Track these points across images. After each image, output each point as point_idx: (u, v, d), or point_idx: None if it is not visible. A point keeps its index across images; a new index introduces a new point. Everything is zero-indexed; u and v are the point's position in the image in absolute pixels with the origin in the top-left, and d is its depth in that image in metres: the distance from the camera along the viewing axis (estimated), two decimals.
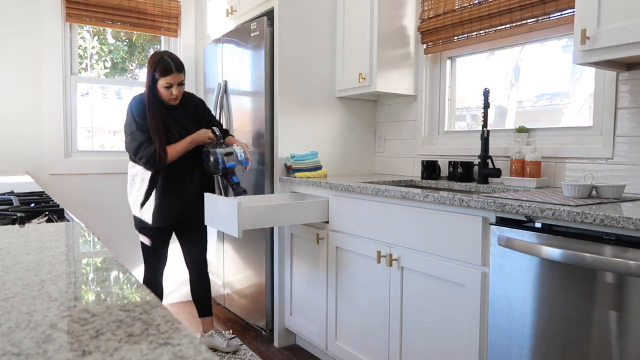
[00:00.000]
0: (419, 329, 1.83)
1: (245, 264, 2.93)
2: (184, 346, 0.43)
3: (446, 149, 2.55)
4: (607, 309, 1.24)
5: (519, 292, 1.46)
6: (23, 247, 0.82)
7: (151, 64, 2.26)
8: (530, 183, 2.01)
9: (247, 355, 2.54)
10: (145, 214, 2.38)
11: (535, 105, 2.30)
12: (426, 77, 2.68)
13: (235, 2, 3.00)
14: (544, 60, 2.24)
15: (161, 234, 2.43)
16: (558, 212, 1.33)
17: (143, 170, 2.34)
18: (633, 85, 1.81)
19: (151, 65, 2.26)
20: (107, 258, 0.76)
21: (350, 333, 2.19)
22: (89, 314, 0.51)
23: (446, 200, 1.66)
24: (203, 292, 2.59)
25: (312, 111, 2.73)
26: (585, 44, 1.60)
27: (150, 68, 2.25)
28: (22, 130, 3.01)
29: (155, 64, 2.25)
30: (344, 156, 2.88)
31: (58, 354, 0.41)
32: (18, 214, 1.10)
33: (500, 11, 2.17)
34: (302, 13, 2.66)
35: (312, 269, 2.44)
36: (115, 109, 3.46)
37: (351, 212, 2.15)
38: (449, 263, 1.69)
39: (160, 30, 3.43)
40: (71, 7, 3.10)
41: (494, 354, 1.54)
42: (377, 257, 1.97)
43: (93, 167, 3.22)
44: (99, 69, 3.38)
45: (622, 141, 1.84)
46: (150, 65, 2.26)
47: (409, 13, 2.65)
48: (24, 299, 0.56)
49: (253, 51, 2.74)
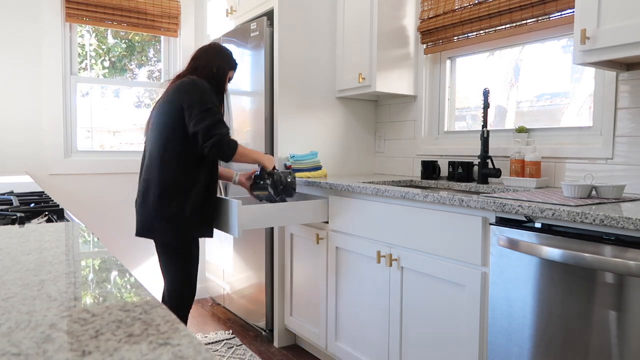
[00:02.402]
0: (419, 329, 1.83)
1: (245, 264, 2.93)
2: (183, 346, 0.43)
3: (446, 149, 2.55)
4: (607, 309, 1.24)
5: (519, 292, 1.46)
6: (23, 247, 0.82)
7: (219, 54, 2.13)
8: (530, 183, 2.01)
9: (247, 355, 2.54)
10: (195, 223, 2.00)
11: (535, 105, 2.30)
12: (426, 77, 2.69)
13: (235, 2, 3.00)
14: (543, 60, 2.24)
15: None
16: (558, 212, 1.33)
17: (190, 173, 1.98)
18: (633, 85, 1.81)
19: (219, 55, 2.12)
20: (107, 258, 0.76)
21: (350, 333, 2.19)
22: (88, 314, 0.51)
23: (446, 200, 1.66)
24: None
25: (312, 111, 2.73)
26: (585, 44, 1.60)
27: (218, 58, 2.12)
28: (22, 130, 3.01)
29: (227, 55, 2.14)
30: (343, 156, 2.88)
31: (58, 354, 0.41)
32: (18, 214, 1.10)
33: (500, 11, 2.17)
34: (302, 13, 2.66)
35: (312, 269, 2.44)
36: (115, 109, 3.46)
37: (351, 212, 2.15)
38: (449, 263, 1.69)
39: (160, 30, 3.43)
40: (71, 7, 3.10)
41: (494, 354, 1.54)
42: (377, 257, 1.97)
43: (93, 167, 3.22)
44: (98, 69, 3.38)
45: (622, 141, 1.84)
46: (218, 55, 2.12)
47: (408, 13, 2.65)
48: (23, 299, 0.56)
49: (253, 51, 2.74)
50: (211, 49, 2.15)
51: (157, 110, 2.03)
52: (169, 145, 1.96)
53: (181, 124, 1.95)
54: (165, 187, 1.95)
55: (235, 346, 2.67)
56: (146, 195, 1.99)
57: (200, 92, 1.96)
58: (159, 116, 2.01)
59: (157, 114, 2.02)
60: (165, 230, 1.96)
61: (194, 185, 1.98)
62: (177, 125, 1.96)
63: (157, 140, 1.99)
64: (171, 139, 1.96)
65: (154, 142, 2.00)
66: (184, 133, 1.96)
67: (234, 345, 2.69)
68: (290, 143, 2.65)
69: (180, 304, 2.06)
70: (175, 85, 2.01)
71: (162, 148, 1.97)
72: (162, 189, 1.95)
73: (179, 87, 1.98)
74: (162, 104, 2.02)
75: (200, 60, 2.10)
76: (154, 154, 1.99)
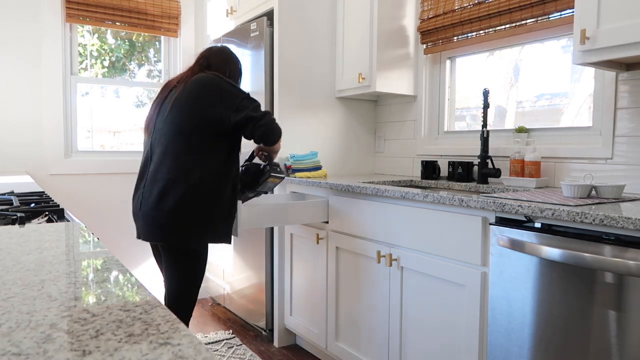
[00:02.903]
0: (419, 329, 1.83)
1: (245, 264, 2.94)
2: (183, 346, 0.43)
3: (446, 149, 2.55)
4: (607, 309, 1.24)
5: (519, 292, 1.46)
6: (23, 247, 0.82)
7: (232, 61, 2.07)
8: (529, 183, 2.01)
9: (247, 355, 2.54)
10: (222, 225, 1.89)
11: (535, 105, 2.30)
12: (426, 77, 2.69)
13: (235, 2, 3.00)
14: (543, 61, 2.24)
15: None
16: (558, 212, 1.34)
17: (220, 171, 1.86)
18: (632, 85, 1.81)
19: (232, 62, 2.07)
20: (107, 258, 0.76)
21: (350, 333, 2.19)
22: (89, 313, 0.51)
23: (446, 200, 1.66)
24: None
25: (312, 111, 2.73)
26: (585, 44, 1.60)
27: (231, 64, 2.06)
28: (22, 130, 3.01)
29: (239, 63, 2.10)
30: (343, 156, 2.88)
31: (58, 354, 0.41)
32: (18, 214, 1.10)
33: (500, 11, 2.17)
34: (301, 13, 2.66)
35: (312, 269, 2.44)
36: (115, 109, 3.46)
37: (351, 212, 2.15)
38: (449, 263, 1.70)
39: (160, 30, 3.43)
40: (71, 7, 3.11)
41: (494, 354, 1.54)
42: (377, 257, 1.97)
43: (93, 167, 3.22)
44: (97, 68, 3.38)
45: (622, 141, 1.84)
46: (231, 62, 2.06)
47: (408, 13, 2.65)
48: (24, 299, 0.56)
49: (253, 51, 2.75)
50: (224, 52, 2.05)
51: (176, 108, 1.85)
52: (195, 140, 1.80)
53: (212, 118, 1.81)
54: (192, 188, 1.79)
55: (235, 346, 2.67)
56: (164, 196, 1.79)
57: (230, 83, 1.87)
58: (180, 113, 1.83)
59: (178, 111, 1.84)
60: (187, 234, 1.80)
61: (225, 185, 1.86)
62: (207, 120, 1.81)
63: (177, 137, 1.81)
64: (200, 134, 1.81)
65: (172, 140, 1.82)
66: (215, 128, 1.82)
67: (234, 345, 2.69)
68: (290, 143, 2.65)
69: (188, 307, 1.95)
70: (196, 80, 1.87)
71: (185, 145, 1.80)
72: (189, 190, 1.78)
73: (202, 82, 1.85)
74: (180, 102, 1.84)
75: (214, 60, 2.00)
76: (174, 152, 1.81)
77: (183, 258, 1.88)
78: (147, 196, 1.84)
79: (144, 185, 1.88)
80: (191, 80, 1.89)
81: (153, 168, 1.85)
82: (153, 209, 1.81)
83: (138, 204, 1.88)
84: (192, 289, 1.94)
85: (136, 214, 1.89)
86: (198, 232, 1.81)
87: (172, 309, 1.93)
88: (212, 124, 1.82)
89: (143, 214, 1.84)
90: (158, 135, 1.87)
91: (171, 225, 1.79)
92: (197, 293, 1.99)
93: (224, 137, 1.85)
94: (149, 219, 1.82)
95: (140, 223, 1.86)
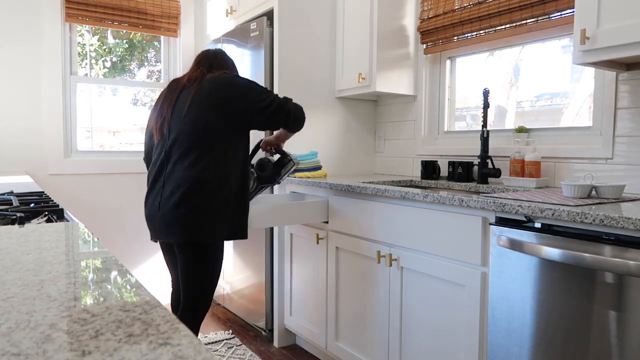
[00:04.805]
0: (419, 329, 1.83)
1: (245, 264, 2.93)
2: (183, 346, 0.43)
3: (446, 149, 2.55)
4: (607, 309, 1.24)
5: (519, 292, 1.46)
6: (23, 247, 0.82)
7: (231, 63, 2.09)
8: (529, 183, 2.01)
9: (247, 355, 2.54)
10: (238, 221, 1.91)
11: (535, 105, 2.30)
12: (426, 77, 2.69)
13: (235, 2, 3.00)
14: (543, 60, 2.24)
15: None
16: (558, 212, 1.33)
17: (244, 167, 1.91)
18: (632, 85, 1.81)
19: (232, 64, 2.09)
20: (106, 258, 0.76)
21: (350, 333, 2.19)
22: (88, 314, 0.51)
23: (446, 200, 1.66)
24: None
25: (312, 111, 2.73)
26: (585, 44, 1.60)
27: (231, 66, 2.07)
28: (21, 130, 3.01)
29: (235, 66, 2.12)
30: (343, 156, 2.88)
31: (58, 354, 0.41)
32: (18, 214, 1.10)
33: (500, 11, 2.17)
34: (301, 13, 2.66)
35: (312, 269, 2.44)
36: (113, 108, 3.46)
37: (351, 212, 2.15)
38: (449, 263, 1.70)
39: (160, 30, 3.43)
40: (71, 7, 3.10)
41: (494, 354, 1.54)
42: (377, 257, 1.97)
43: (93, 167, 3.22)
44: (97, 68, 3.38)
45: (622, 141, 1.84)
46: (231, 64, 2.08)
47: (408, 13, 2.65)
48: (23, 299, 0.56)
49: (253, 51, 2.74)
50: (223, 54, 2.05)
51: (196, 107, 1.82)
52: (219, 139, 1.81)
53: (239, 114, 1.82)
54: (218, 187, 1.80)
55: (235, 346, 2.67)
56: (189, 196, 1.77)
57: (246, 79, 1.90)
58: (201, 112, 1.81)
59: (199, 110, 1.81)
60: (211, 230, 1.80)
61: (245, 182, 1.91)
62: (234, 117, 1.82)
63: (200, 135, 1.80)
64: (224, 132, 1.82)
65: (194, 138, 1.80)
66: (241, 124, 1.85)
67: (233, 345, 2.69)
68: (290, 143, 2.65)
69: (205, 307, 1.92)
70: (214, 79, 1.86)
71: (209, 145, 1.79)
72: (217, 189, 1.80)
73: (219, 81, 1.85)
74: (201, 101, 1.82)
75: (215, 61, 1.99)
76: (198, 151, 1.79)
77: (202, 257, 1.87)
78: (168, 197, 1.80)
79: (162, 186, 1.84)
80: (207, 79, 1.87)
81: (172, 168, 1.83)
82: (176, 209, 1.78)
83: (156, 206, 1.84)
84: (210, 288, 1.93)
85: (153, 215, 1.85)
86: (220, 227, 1.83)
87: (190, 309, 1.91)
88: (238, 120, 1.84)
89: (162, 215, 1.81)
90: (175, 135, 1.83)
91: (197, 223, 1.78)
92: (214, 293, 1.98)
93: (244, 134, 1.89)
94: (172, 219, 1.79)
95: (158, 224, 1.83)
